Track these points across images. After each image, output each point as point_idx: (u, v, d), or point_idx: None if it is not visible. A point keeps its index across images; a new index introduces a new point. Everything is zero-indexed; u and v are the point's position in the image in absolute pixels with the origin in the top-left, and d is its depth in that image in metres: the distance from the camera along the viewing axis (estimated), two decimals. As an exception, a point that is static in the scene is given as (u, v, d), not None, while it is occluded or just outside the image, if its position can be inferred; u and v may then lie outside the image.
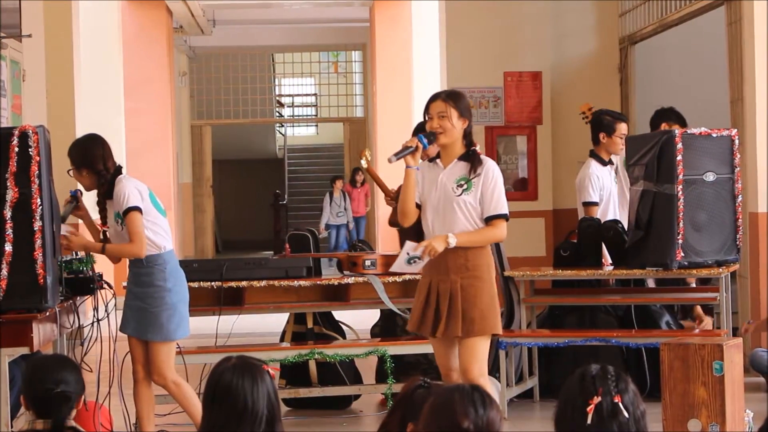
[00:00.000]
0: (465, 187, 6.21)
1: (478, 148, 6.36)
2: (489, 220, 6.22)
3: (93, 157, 6.79)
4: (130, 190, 6.74)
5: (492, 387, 6.65)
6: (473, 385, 3.33)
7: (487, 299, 6.19)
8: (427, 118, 6.32)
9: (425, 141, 6.20)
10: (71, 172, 6.88)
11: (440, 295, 6.20)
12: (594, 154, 8.92)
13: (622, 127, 8.84)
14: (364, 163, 8.68)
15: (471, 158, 6.27)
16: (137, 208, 6.70)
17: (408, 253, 6.17)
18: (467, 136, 6.32)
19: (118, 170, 6.84)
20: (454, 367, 6.27)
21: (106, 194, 6.79)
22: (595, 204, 8.80)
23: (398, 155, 6.21)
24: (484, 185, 6.21)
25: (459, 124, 6.26)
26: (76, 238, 6.81)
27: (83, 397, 4.74)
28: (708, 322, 8.92)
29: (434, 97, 6.36)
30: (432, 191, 6.27)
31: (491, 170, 6.25)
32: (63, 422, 4.59)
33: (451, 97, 6.32)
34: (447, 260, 6.18)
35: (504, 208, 6.25)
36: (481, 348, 6.21)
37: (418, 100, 16.30)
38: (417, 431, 3.38)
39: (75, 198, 6.97)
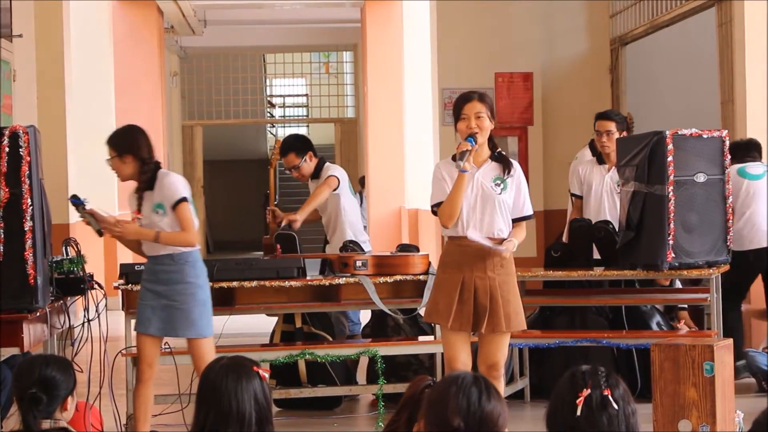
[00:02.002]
0: (502, 186, 6.45)
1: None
2: (518, 221, 6.51)
3: (139, 145, 6.75)
4: (182, 182, 6.78)
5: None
6: (476, 375, 3.30)
7: (517, 296, 6.50)
8: (460, 119, 6.45)
9: (474, 141, 6.35)
10: (111, 161, 6.75)
11: (479, 291, 6.38)
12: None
13: (597, 125, 8.97)
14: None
15: (502, 159, 6.52)
16: (188, 199, 6.73)
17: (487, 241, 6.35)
18: (491, 138, 6.54)
19: (159, 163, 6.84)
20: (462, 360, 6.43)
21: (147, 183, 6.74)
22: (575, 196, 9.08)
23: (464, 158, 6.30)
24: (517, 187, 6.50)
25: (490, 125, 6.47)
26: (129, 225, 6.75)
27: (72, 395, 4.72)
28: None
29: (468, 98, 6.49)
30: (467, 190, 6.39)
31: (521, 172, 6.58)
32: (31, 425, 4.56)
33: (484, 98, 6.52)
34: (485, 258, 6.38)
35: (531, 210, 6.57)
36: (507, 342, 6.55)
37: (410, 101, 16.31)
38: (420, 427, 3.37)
39: (81, 204, 6.79)
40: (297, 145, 9.00)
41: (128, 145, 6.74)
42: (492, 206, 6.41)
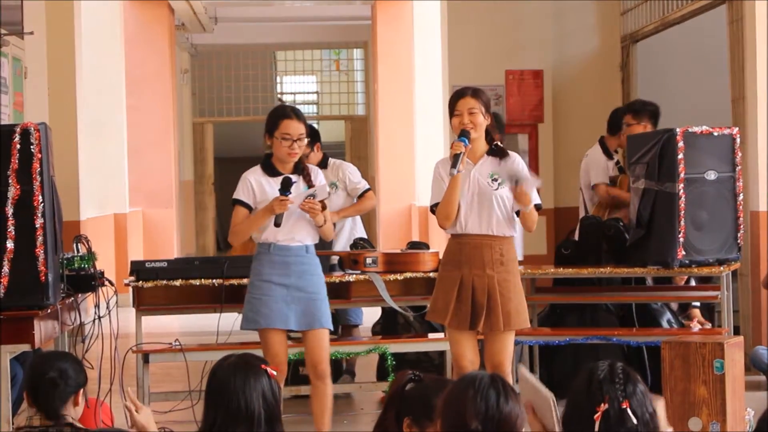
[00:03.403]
0: (500, 181, 6.39)
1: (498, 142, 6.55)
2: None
3: None
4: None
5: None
6: (493, 375, 3.29)
7: (519, 294, 6.43)
8: (454, 115, 6.44)
9: (467, 141, 6.29)
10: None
11: (477, 290, 6.34)
12: None
13: None
14: None
15: (498, 153, 6.46)
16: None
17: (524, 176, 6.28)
18: (488, 132, 6.49)
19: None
20: (468, 357, 6.42)
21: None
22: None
23: (456, 164, 6.28)
24: None
25: (485, 121, 6.41)
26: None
27: (83, 390, 4.75)
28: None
29: (461, 94, 6.47)
30: (464, 187, 6.36)
31: (520, 162, 6.46)
32: (56, 410, 4.59)
33: (477, 93, 6.47)
34: (483, 255, 6.37)
35: (538, 198, 6.45)
36: (512, 342, 6.52)
37: (420, 99, 16.30)
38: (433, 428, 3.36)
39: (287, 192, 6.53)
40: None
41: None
42: (489, 203, 6.37)
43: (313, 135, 9.06)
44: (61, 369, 4.67)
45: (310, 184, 6.62)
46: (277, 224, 6.50)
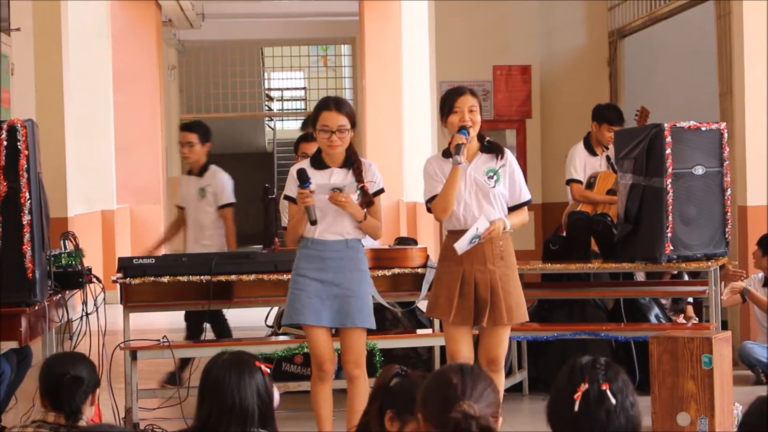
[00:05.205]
0: (496, 178, 6.41)
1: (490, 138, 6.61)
2: (517, 207, 6.48)
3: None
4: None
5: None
6: (472, 365, 3.29)
7: (518, 288, 6.47)
8: (452, 112, 6.42)
9: (467, 133, 6.33)
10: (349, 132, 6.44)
11: (479, 284, 6.37)
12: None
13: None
14: None
15: (492, 149, 6.48)
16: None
17: (475, 233, 6.26)
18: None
19: None
20: (464, 354, 6.42)
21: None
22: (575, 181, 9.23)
23: (459, 152, 6.28)
24: (511, 174, 6.47)
25: (480, 119, 6.47)
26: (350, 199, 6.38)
27: (98, 392, 4.76)
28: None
29: (461, 92, 6.48)
30: (461, 185, 6.39)
31: (513, 159, 6.53)
32: (77, 409, 4.60)
33: (475, 92, 6.52)
34: (484, 250, 6.38)
35: (528, 194, 6.53)
36: (508, 336, 6.55)
37: (408, 94, 16.31)
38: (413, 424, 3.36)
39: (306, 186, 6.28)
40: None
41: None
42: (487, 199, 6.39)
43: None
44: (79, 369, 4.68)
45: (359, 179, 6.50)
46: (312, 222, 6.31)
